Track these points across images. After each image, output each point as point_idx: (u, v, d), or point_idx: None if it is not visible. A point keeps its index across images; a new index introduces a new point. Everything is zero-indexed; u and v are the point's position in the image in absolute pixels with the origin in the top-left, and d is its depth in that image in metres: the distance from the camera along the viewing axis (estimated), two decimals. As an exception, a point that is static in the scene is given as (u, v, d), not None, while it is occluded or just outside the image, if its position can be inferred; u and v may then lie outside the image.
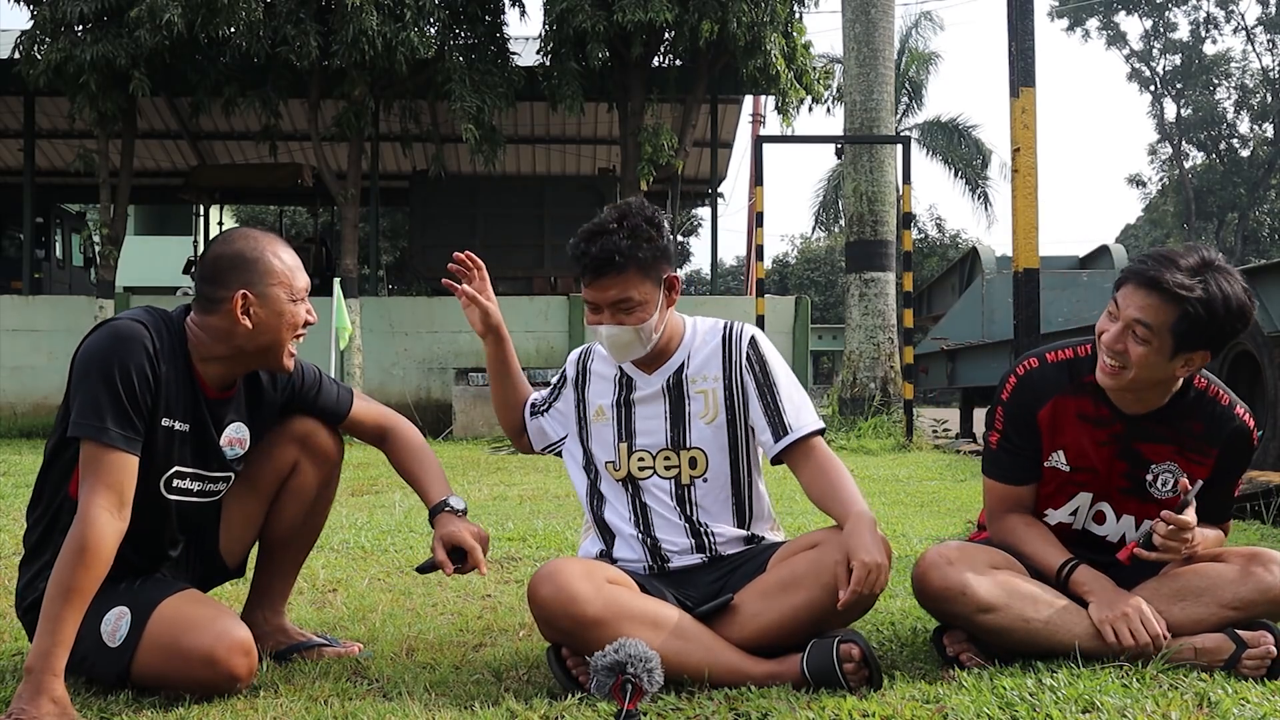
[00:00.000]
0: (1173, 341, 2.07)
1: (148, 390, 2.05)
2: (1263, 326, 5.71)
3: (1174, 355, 2.09)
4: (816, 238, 37.24)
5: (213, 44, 10.87)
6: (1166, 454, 2.24)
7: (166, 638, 2.04)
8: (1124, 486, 2.28)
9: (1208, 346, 2.10)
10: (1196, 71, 34.53)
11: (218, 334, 2.15)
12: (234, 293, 2.11)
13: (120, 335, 2.05)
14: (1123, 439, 2.25)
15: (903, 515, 4.89)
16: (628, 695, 1.93)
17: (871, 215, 10.81)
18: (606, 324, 2.27)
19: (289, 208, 23.18)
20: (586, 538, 2.50)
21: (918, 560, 2.27)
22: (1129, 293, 2.10)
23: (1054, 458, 2.29)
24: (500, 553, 3.86)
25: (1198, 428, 2.23)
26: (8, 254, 16.60)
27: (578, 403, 2.45)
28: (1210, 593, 2.16)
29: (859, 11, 10.91)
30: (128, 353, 2.03)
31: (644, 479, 2.35)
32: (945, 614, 2.24)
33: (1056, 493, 2.33)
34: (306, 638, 2.47)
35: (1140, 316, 2.08)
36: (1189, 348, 2.09)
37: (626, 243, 2.21)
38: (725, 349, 2.36)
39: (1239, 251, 34.38)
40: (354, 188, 11.68)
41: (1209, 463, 2.24)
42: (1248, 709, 1.90)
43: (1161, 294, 2.06)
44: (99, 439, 1.98)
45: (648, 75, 11.79)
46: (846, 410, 10.63)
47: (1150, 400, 2.21)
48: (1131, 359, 2.10)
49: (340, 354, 11.00)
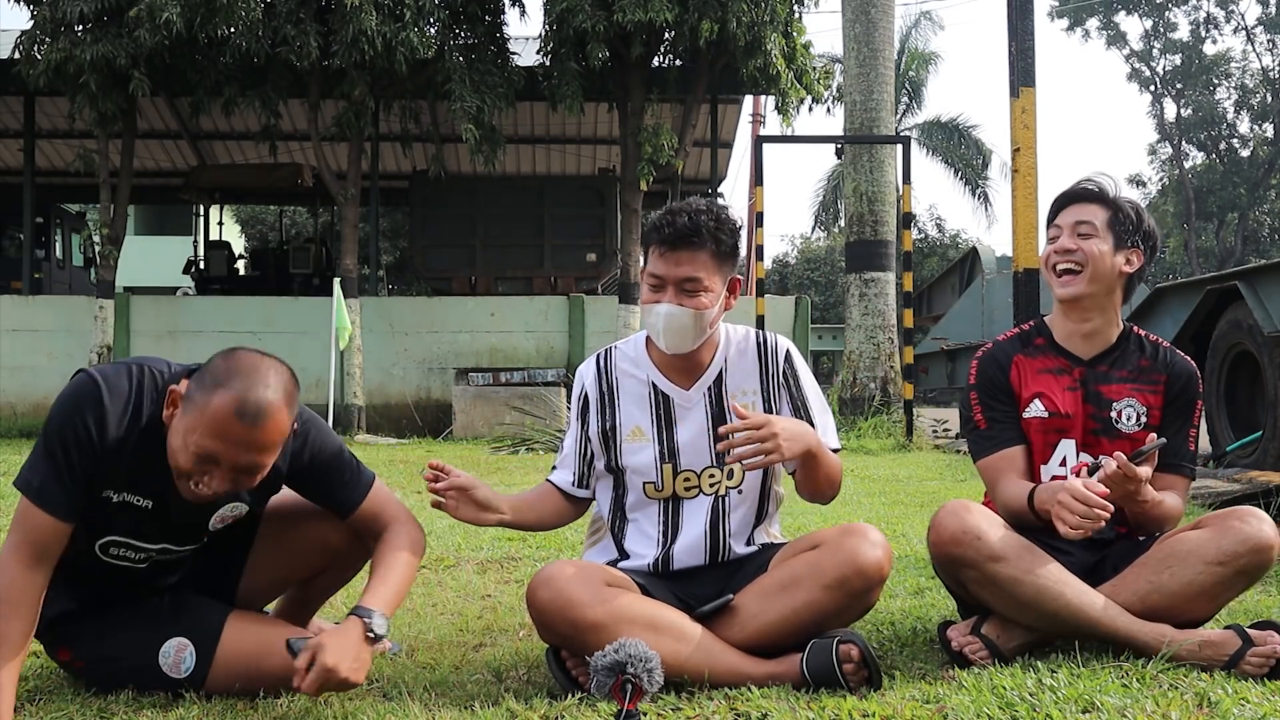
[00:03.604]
0: (1113, 236, 2.40)
1: (86, 456, 1.90)
2: (1263, 326, 5.70)
3: (1116, 250, 2.40)
4: (816, 238, 37.22)
5: (212, 44, 10.86)
6: (1125, 391, 2.44)
7: (242, 664, 2.07)
8: (1094, 428, 2.43)
9: (1140, 244, 2.43)
10: (1196, 71, 34.50)
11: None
12: (179, 381, 1.95)
13: (70, 395, 1.93)
14: (1084, 383, 2.44)
15: (903, 515, 4.89)
16: (628, 695, 1.93)
17: (871, 215, 10.80)
18: (667, 301, 2.22)
19: (289, 208, 23.17)
20: (594, 547, 2.45)
21: (936, 512, 2.31)
22: (1068, 209, 2.45)
23: (1032, 407, 2.45)
24: (500, 553, 3.86)
25: (1144, 362, 2.47)
26: (8, 254, 16.58)
27: (604, 423, 2.35)
28: (1195, 553, 2.23)
29: (859, 11, 10.90)
30: (75, 415, 1.90)
31: (689, 498, 2.32)
32: (956, 561, 2.26)
33: (1043, 445, 2.45)
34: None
35: (1081, 217, 2.42)
36: (1125, 244, 2.41)
37: (712, 224, 2.21)
38: (762, 361, 2.35)
39: (1239, 251, 34.36)
40: (354, 188, 11.67)
41: (1160, 389, 2.44)
42: (1248, 709, 1.90)
43: (1095, 199, 2.44)
44: (30, 497, 1.92)
45: (648, 75, 11.78)
46: (846, 410, 10.62)
47: (1099, 338, 2.46)
48: (1084, 254, 2.39)
49: (340, 354, 11.00)
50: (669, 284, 2.21)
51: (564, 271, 14.20)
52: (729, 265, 2.27)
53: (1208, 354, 6.38)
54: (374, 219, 15.02)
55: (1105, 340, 2.47)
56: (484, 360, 12.32)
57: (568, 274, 14.19)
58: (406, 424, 11.91)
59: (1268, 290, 5.75)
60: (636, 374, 2.36)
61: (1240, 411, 6.29)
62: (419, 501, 5.55)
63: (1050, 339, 2.50)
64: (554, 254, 14.19)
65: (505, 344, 12.45)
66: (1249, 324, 5.87)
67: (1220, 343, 6.27)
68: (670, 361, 2.33)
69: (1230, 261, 32.84)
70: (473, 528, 4.44)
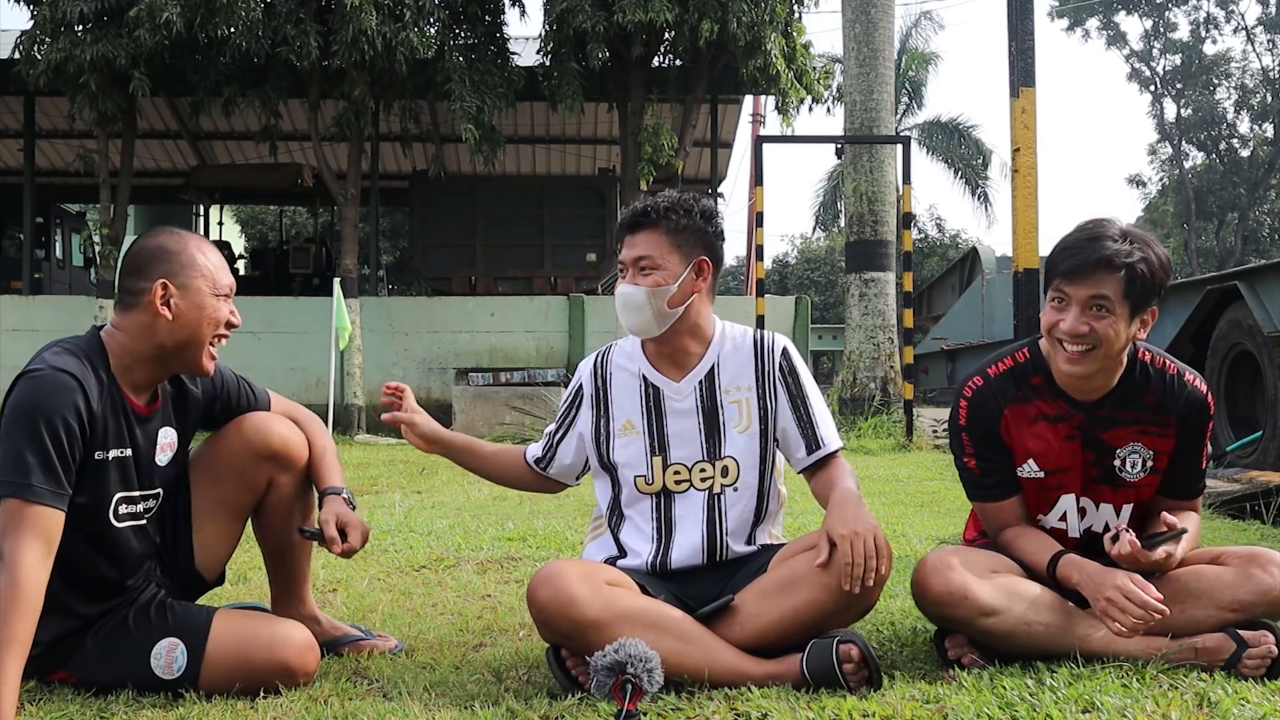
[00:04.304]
0: (1129, 306, 2.15)
1: (75, 442, 2.01)
2: (1263, 326, 5.71)
3: (1131, 319, 2.17)
4: (816, 238, 37.21)
5: (212, 44, 10.86)
6: (1128, 436, 2.27)
7: (233, 659, 2.09)
8: (1095, 475, 2.31)
9: (1155, 301, 2.20)
10: (1196, 71, 34.49)
11: (138, 332, 2.12)
12: (154, 284, 2.10)
13: (49, 386, 2.00)
14: (1084, 429, 2.28)
15: (903, 515, 4.89)
16: (628, 695, 1.93)
17: (871, 215, 10.80)
18: (624, 283, 2.30)
19: (289, 208, 23.17)
20: (594, 541, 2.47)
21: (917, 566, 2.26)
22: (1079, 282, 2.16)
23: (1025, 467, 2.32)
24: (500, 553, 3.86)
25: (1151, 400, 2.27)
26: (8, 254, 16.59)
27: (598, 419, 2.39)
28: (1208, 595, 2.16)
29: (859, 11, 10.90)
30: (55, 406, 1.98)
31: (680, 492, 2.33)
32: (947, 619, 2.23)
33: (1039, 501, 2.35)
34: (343, 631, 2.51)
35: (1096, 292, 2.14)
36: (1142, 307, 2.18)
37: (664, 206, 2.29)
38: (758, 359, 2.36)
39: (1239, 251, 34.36)
40: (354, 188, 11.67)
41: (1170, 432, 2.27)
42: (1248, 709, 1.89)
43: (1109, 268, 2.14)
44: (24, 496, 1.93)
45: (648, 75, 11.78)
46: (846, 410, 10.62)
47: (1102, 383, 2.25)
48: (1099, 335, 2.15)
49: (340, 354, 10.99)
50: (628, 267, 2.31)
51: (564, 271, 14.20)
52: (690, 246, 2.30)
53: (1208, 354, 6.38)
54: (374, 219, 15.03)
55: (1108, 385, 2.26)
56: (484, 360, 12.32)
57: (568, 274, 14.19)
58: (407, 424, 11.90)
59: (1268, 290, 5.75)
60: (629, 368, 2.39)
61: (1240, 411, 6.29)
62: (419, 501, 5.55)
63: (1048, 377, 2.28)
64: (554, 254, 14.19)
65: (505, 344, 12.45)
66: (1249, 324, 5.88)
67: (1220, 343, 6.27)
68: (659, 353, 2.36)
69: (1230, 261, 32.85)
70: (472, 528, 4.44)
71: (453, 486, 6.35)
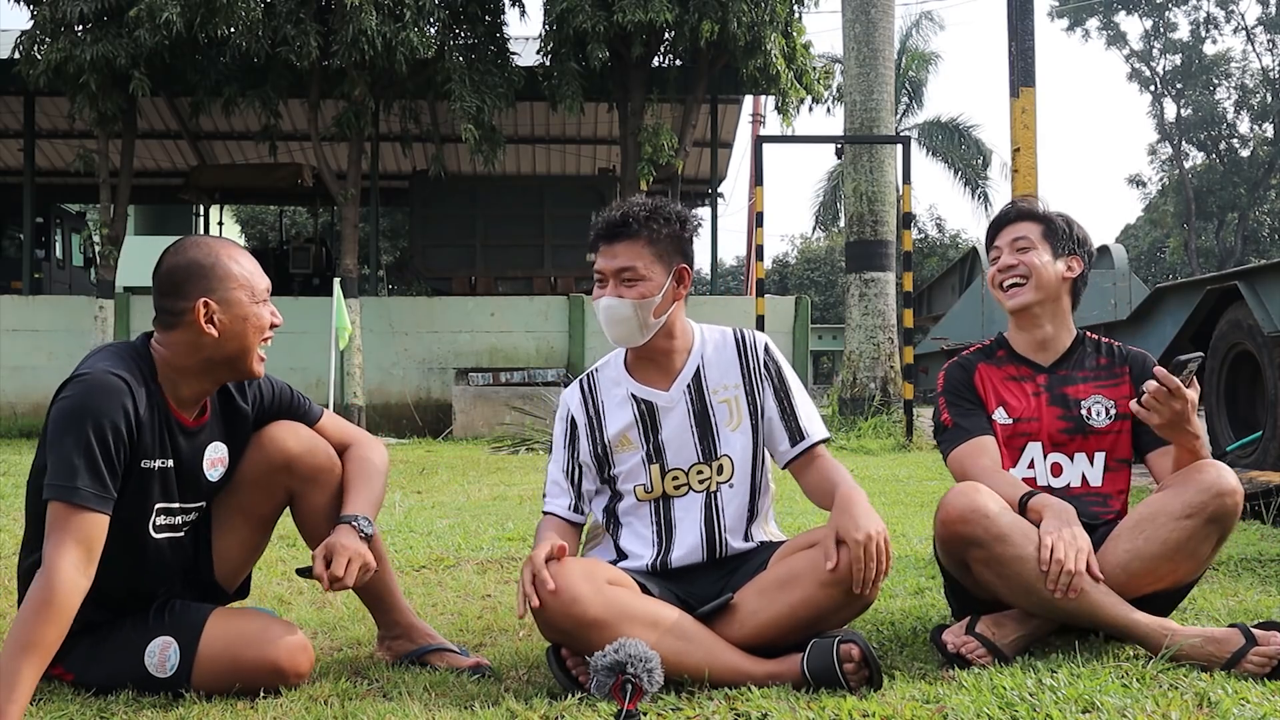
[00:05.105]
0: (1049, 246, 2.56)
1: (123, 446, 2.00)
2: (1263, 326, 5.70)
3: (1055, 258, 2.56)
4: (816, 238, 37.22)
5: (212, 44, 10.86)
6: (1090, 390, 2.56)
7: (224, 658, 2.07)
8: (1065, 428, 2.53)
9: (1077, 250, 2.59)
10: (1196, 71, 34.50)
11: (184, 349, 2.10)
12: (194, 303, 2.07)
13: (99, 390, 1.99)
14: (1049, 388, 2.56)
15: (903, 515, 4.89)
16: (628, 695, 1.93)
17: (871, 215, 10.81)
18: (609, 294, 2.26)
19: (289, 208, 23.18)
20: (594, 549, 2.47)
21: (945, 493, 2.33)
22: (1003, 231, 2.61)
23: (996, 413, 2.56)
24: (500, 553, 3.86)
25: (1103, 360, 2.60)
26: (8, 254, 16.59)
27: (595, 444, 2.37)
28: (1162, 511, 2.27)
29: (859, 11, 10.91)
30: (104, 410, 1.98)
31: (679, 496, 2.34)
32: (963, 539, 2.27)
33: (1008, 449, 2.53)
34: (435, 640, 2.41)
35: (1016, 234, 2.58)
36: (1062, 251, 2.57)
37: (644, 215, 2.26)
38: (742, 357, 2.38)
39: (1239, 251, 34.37)
40: (354, 188, 11.67)
41: (1124, 382, 2.54)
42: (1248, 709, 1.89)
43: (1029, 217, 2.60)
44: (70, 499, 1.92)
45: (648, 75, 11.78)
46: (846, 410, 10.63)
47: (1054, 344, 2.59)
48: (1027, 264, 2.54)
49: (340, 354, 10.99)
50: (609, 277, 2.28)
51: (564, 271, 14.20)
52: (670, 254, 2.29)
53: (1208, 354, 6.38)
54: (374, 219, 15.02)
55: (1061, 346, 2.61)
56: (484, 360, 12.32)
57: (568, 274, 14.18)
58: (406, 424, 11.92)
59: (1268, 290, 5.75)
60: (618, 390, 2.39)
61: (1240, 411, 6.28)
62: (419, 501, 5.55)
63: (1010, 350, 2.63)
64: (554, 254, 14.19)
65: (505, 344, 12.45)
66: (1249, 324, 5.87)
67: (1220, 343, 6.26)
68: (642, 361, 2.37)
69: (1230, 261, 32.85)
70: (472, 528, 4.45)
71: (453, 486, 6.35)
